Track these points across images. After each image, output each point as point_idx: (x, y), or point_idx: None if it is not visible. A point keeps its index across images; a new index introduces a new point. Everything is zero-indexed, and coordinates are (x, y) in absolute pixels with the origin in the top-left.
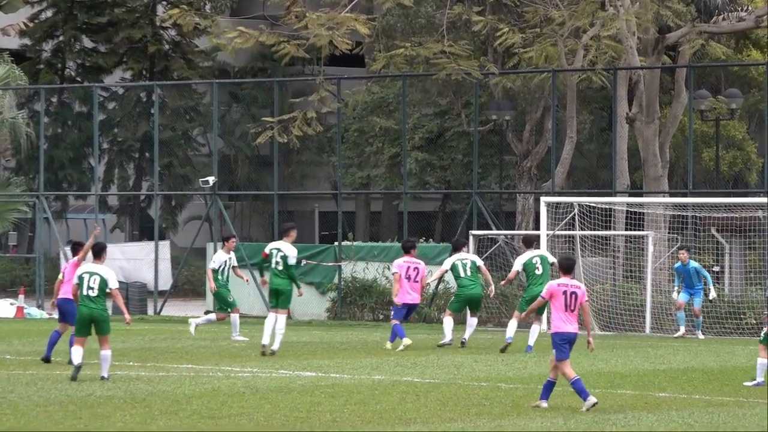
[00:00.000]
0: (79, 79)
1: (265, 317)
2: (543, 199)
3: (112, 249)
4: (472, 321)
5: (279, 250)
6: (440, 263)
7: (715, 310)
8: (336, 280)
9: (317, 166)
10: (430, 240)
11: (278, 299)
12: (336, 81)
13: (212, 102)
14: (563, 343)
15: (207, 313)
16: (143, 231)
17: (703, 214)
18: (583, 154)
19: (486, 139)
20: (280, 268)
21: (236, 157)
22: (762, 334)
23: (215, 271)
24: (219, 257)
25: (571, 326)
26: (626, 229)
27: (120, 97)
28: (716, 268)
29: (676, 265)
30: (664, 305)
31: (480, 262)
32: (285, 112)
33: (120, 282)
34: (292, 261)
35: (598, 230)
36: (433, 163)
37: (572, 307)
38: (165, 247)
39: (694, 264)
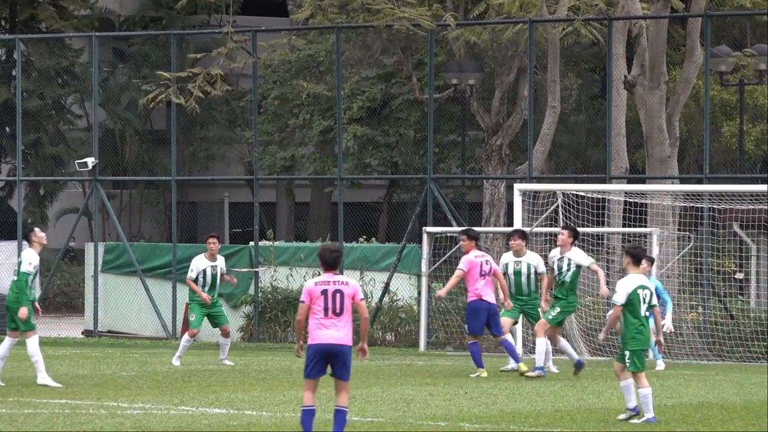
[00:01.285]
0: None
1: (161, 338)
2: (517, 187)
3: None
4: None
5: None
6: (386, 268)
7: (739, 329)
8: (251, 291)
9: (227, 144)
10: (373, 239)
11: (13, 319)
12: (250, 34)
13: (92, 61)
14: (317, 359)
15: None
16: (3, 227)
17: (723, 206)
18: (569, 129)
19: (444, 110)
20: (15, 278)
21: (123, 133)
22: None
23: (195, 282)
24: (196, 264)
25: (332, 335)
26: (624, 225)
27: None
28: (739, 275)
29: None
30: (672, 323)
31: None
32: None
33: None
34: (25, 268)
35: (588, 226)
36: (377, 141)
37: (337, 310)
38: None
39: (657, 282)
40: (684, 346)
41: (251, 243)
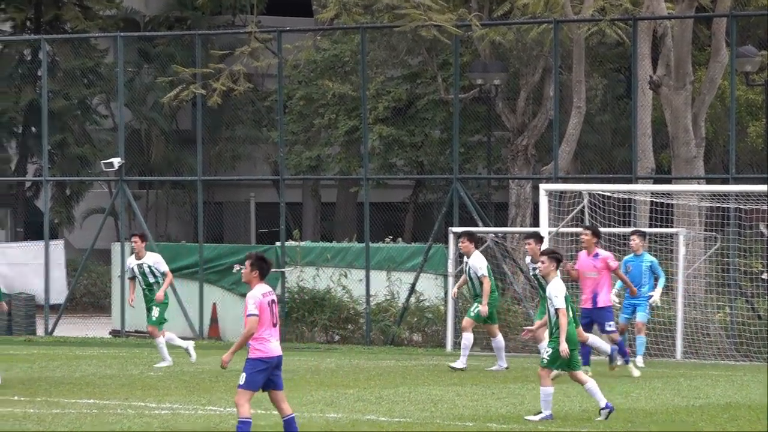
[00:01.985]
0: None
1: (188, 338)
2: (543, 187)
3: None
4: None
5: None
6: (412, 269)
7: (767, 329)
8: (278, 291)
9: (253, 143)
10: (399, 239)
11: None
12: (275, 33)
13: (117, 62)
14: (267, 372)
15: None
16: (30, 228)
17: (749, 206)
18: (595, 129)
19: (469, 110)
20: None
21: (149, 133)
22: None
23: (132, 279)
24: (127, 263)
25: (278, 346)
26: (650, 226)
27: None
28: (766, 276)
29: (627, 258)
30: (699, 323)
31: None
32: (210, 73)
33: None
34: None
35: (615, 227)
36: (402, 141)
37: (275, 321)
38: (58, 248)
39: (650, 258)
40: (711, 347)
41: (278, 243)
